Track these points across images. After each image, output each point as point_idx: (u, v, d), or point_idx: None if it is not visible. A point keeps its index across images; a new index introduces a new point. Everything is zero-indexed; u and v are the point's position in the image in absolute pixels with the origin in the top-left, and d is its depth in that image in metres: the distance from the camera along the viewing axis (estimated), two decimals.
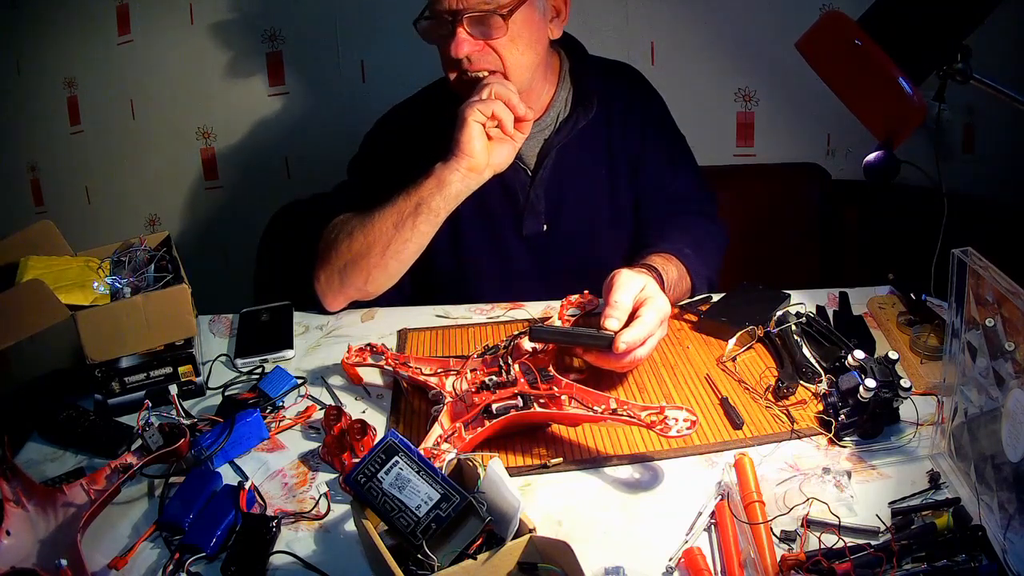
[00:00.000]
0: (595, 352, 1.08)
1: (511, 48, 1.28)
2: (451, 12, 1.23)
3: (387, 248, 1.30)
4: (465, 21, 1.24)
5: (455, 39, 1.24)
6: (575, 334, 1.09)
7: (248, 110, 2.10)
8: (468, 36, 1.25)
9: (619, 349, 1.03)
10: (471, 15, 1.24)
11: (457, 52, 1.25)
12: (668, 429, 0.92)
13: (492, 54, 1.27)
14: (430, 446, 0.95)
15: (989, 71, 0.97)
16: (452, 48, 1.25)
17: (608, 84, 1.44)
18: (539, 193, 1.41)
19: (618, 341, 1.03)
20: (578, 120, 1.40)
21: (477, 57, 1.27)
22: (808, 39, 1.07)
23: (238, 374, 1.20)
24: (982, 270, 0.83)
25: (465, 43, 1.25)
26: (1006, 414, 0.81)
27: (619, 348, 1.03)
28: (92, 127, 2.13)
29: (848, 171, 2.02)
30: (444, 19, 1.25)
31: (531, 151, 1.41)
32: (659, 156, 1.45)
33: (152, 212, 2.23)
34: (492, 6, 1.23)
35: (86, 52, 2.05)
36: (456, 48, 1.25)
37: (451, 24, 1.24)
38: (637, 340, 1.04)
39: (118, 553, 0.87)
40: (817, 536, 0.81)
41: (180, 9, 2.01)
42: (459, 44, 1.24)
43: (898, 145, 1.02)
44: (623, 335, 1.04)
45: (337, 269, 1.33)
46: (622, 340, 1.03)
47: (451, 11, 1.23)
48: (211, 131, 2.13)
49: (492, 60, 1.28)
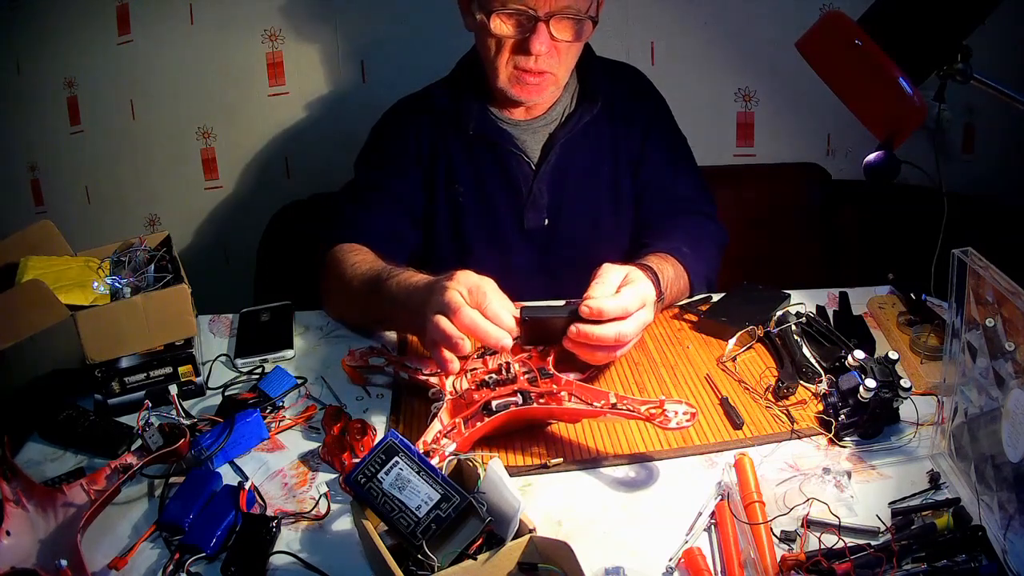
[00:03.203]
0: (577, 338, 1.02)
1: (574, 51, 1.33)
2: (536, 9, 1.24)
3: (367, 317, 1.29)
4: (552, 22, 1.26)
5: (537, 36, 1.26)
6: (559, 307, 1.06)
7: (248, 110, 2.10)
8: (551, 36, 1.27)
9: (584, 311, 1.00)
10: (560, 17, 1.26)
11: (540, 49, 1.27)
12: (668, 421, 0.92)
13: (555, 56, 1.31)
14: (429, 440, 0.95)
15: (989, 71, 0.97)
16: (535, 44, 1.26)
17: (613, 84, 1.45)
18: (542, 187, 1.42)
19: (584, 304, 1.00)
20: (583, 116, 1.41)
21: (544, 57, 1.30)
22: (808, 39, 1.07)
23: (238, 374, 1.20)
24: (982, 270, 0.83)
25: (546, 42, 1.27)
26: (1006, 414, 0.81)
27: (584, 310, 1.00)
28: (92, 127, 2.12)
29: (848, 171, 2.02)
30: (528, 15, 1.26)
31: (535, 144, 1.43)
32: (660, 156, 1.46)
33: (152, 212, 2.23)
34: (579, 8, 1.26)
35: (86, 52, 2.05)
36: (539, 45, 1.27)
37: (534, 21, 1.26)
38: (608, 310, 1.00)
39: (118, 553, 0.87)
40: (817, 536, 0.81)
41: (180, 9, 2.01)
42: (542, 42, 1.27)
43: (898, 145, 1.02)
44: (592, 301, 1.00)
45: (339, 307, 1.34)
46: (587, 303, 1.00)
47: (539, 9, 1.24)
48: (211, 131, 2.13)
49: (553, 63, 1.32)
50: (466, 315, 0.97)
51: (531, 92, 1.35)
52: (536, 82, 1.33)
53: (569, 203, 1.43)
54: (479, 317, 0.98)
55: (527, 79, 1.32)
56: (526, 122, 1.43)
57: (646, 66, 1.93)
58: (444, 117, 1.43)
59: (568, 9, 1.25)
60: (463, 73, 1.45)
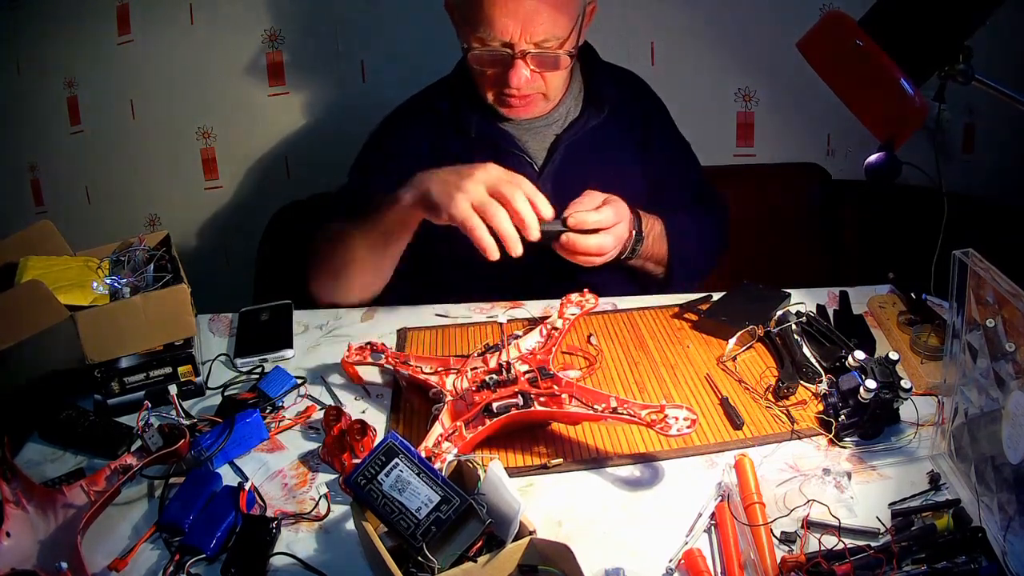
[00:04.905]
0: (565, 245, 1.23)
1: (561, 73, 1.36)
2: (511, 46, 1.28)
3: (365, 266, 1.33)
4: (529, 57, 1.29)
5: (516, 72, 1.30)
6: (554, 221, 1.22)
7: (248, 110, 2.09)
8: (529, 69, 1.31)
9: (569, 221, 1.21)
10: (535, 54, 1.29)
11: (519, 83, 1.31)
12: (668, 428, 0.92)
13: (540, 80, 1.35)
14: (431, 445, 0.95)
15: (989, 71, 0.97)
16: (513, 79, 1.31)
17: (619, 90, 1.49)
18: (545, 187, 1.42)
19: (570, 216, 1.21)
20: (588, 120, 1.44)
21: (527, 83, 1.33)
22: (809, 39, 1.07)
23: (238, 374, 1.20)
24: (983, 272, 0.83)
25: (524, 76, 1.31)
26: (1006, 415, 0.80)
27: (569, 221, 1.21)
28: (92, 127, 2.12)
29: (848, 171, 2.02)
30: (503, 51, 1.29)
31: (540, 146, 1.45)
32: (664, 163, 1.49)
33: (152, 212, 2.23)
34: (555, 44, 1.29)
35: (86, 52, 2.05)
36: (517, 80, 1.31)
37: (511, 57, 1.29)
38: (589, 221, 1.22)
39: (118, 554, 0.87)
40: (817, 537, 0.81)
41: (180, 9, 2.01)
42: (520, 77, 1.30)
43: (899, 146, 1.02)
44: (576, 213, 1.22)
45: (329, 278, 1.37)
46: (571, 215, 1.22)
47: (513, 47, 1.28)
48: (211, 131, 2.13)
49: (538, 85, 1.35)
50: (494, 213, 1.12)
51: (519, 112, 1.40)
52: (522, 104, 1.38)
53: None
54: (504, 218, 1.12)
55: (513, 102, 1.37)
56: (527, 122, 1.44)
57: (646, 66, 1.93)
58: (445, 118, 1.45)
59: (544, 44, 1.28)
60: (464, 75, 1.45)
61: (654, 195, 1.47)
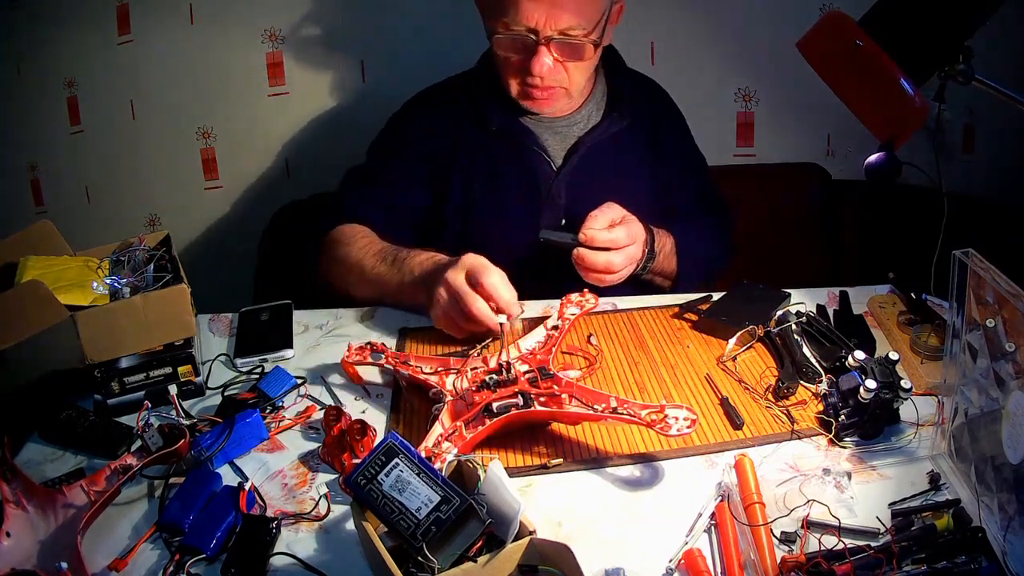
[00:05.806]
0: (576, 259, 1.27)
1: (585, 66, 1.36)
2: (535, 32, 1.28)
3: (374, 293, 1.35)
4: (552, 45, 1.29)
5: (539, 58, 1.30)
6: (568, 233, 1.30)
7: (248, 110, 2.09)
8: (552, 57, 1.31)
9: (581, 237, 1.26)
10: (559, 41, 1.29)
11: (541, 71, 1.31)
12: (668, 428, 0.92)
13: (563, 72, 1.34)
14: (431, 445, 0.95)
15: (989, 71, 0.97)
16: (535, 66, 1.30)
17: (640, 97, 1.50)
18: (561, 187, 1.43)
19: (582, 231, 1.26)
20: (610, 126, 1.45)
21: (550, 74, 1.33)
22: (809, 39, 1.07)
23: (238, 374, 1.20)
24: (983, 272, 0.83)
25: (547, 64, 1.31)
26: (1006, 415, 0.80)
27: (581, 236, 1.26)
28: (92, 127, 2.12)
29: (848, 171, 2.02)
30: (527, 37, 1.29)
31: (560, 146, 1.45)
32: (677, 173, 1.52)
33: (152, 212, 2.22)
34: (580, 33, 1.29)
35: (86, 52, 2.05)
36: (540, 67, 1.30)
37: (535, 43, 1.29)
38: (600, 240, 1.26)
39: (118, 554, 0.87)
40: (817, 537, 0.81)
41: (180, 9, 2.01)
42: (542, 65, 1.30)
43: (899, 146, 1.02)
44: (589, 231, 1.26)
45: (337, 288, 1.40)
46: (583, 231, 1.27)
47: (537, 33, 1.28)
48: (211, 131, 2.13)
49: (561, 78, 1.35)
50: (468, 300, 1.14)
51: (541, 104, 1.39)
52: (545, 96, 1.37)
53: (587, 206, 1.43)
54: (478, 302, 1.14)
55: (535, 94, 1.37)
56: (548, 120, 1.44)
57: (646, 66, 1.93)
58: (465, 110, 1.45)
59: (569, 31, 1.28)
60: (487, 69, 1.45)
61: (665, 203, 1.48)
